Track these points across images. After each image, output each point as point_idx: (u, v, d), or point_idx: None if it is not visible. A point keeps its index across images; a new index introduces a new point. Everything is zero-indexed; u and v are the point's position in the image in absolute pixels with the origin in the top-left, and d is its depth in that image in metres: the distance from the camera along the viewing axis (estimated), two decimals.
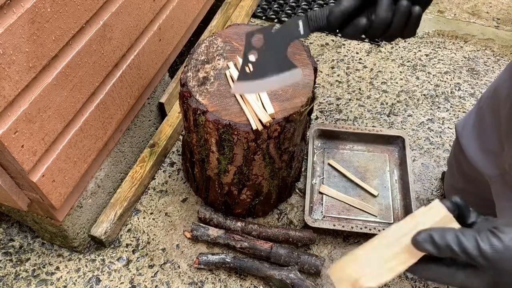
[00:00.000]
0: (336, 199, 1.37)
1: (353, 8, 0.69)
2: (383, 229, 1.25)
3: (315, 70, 1.14)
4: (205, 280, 1.25)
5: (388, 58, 1.81)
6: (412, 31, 0.71)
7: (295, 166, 1.29)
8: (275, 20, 1.95)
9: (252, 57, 0.77)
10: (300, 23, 0.73)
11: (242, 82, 0.79)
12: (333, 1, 2.02)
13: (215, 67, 1.13)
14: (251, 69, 0.79)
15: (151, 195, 1.42)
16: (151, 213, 1.38)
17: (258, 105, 1.03)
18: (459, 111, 1.63)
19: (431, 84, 1.72)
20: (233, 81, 1.09)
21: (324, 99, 1.67)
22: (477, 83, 1.72)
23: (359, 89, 1.70)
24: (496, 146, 0.97)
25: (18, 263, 1.28)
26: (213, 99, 1.06)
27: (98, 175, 1.27)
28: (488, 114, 1.01)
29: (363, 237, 1.32)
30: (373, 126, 1.58)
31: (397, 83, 1.72)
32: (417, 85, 1.72)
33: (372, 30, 0.70)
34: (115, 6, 1.09)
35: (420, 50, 1.84)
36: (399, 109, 1.64)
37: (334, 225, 1.27)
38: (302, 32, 0.75)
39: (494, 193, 0.98)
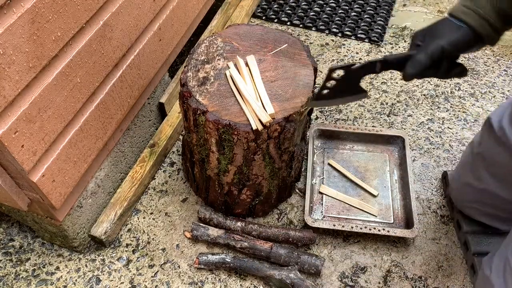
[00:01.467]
0: (336, 199, 1.37)
1: (428, 64, 0.81)
2: (383, 229, 1.25)
3: (315, 70, 1.14)
4: (205, 280, 1.25)
5: None
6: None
7: (295, 166, 1.29)
8: (275, 21, 1.95)
9: (329, 84, 0.96)
10: (378, 64, 0.90)
11: (319, 100, 1.00)
12: (333, 2, 2.02)
13: (215, 67, 1.13)
14: (326, 92, 0.98)
15: (151, 195, 1.42)
16: (151, 213, 1.38)
17: (258, 105, 1.03)
18: (459, 111, 1.63)
19: (431, 84, 1.72)
20: (233, 81, 1.09)
21: None
22: (477, 83, 1.72)
23: None
24: None
25: (18, 263, 1.28)
26: (213, 99, 1.06)
27: (98, 175, 1.27)
28: None
29: (363, 237, 1.32)
30: (373, 126, 1.58)
31: (397, 83, 1.72)
32: (417, 85, 1.72)
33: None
34: (115, 6, 1.09)
35: None
36: (399, 109, 1.64)
37: (334, 225, 1.27)
38: (377, 70, 0.90)
39: None
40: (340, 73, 0.93)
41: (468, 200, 1.24)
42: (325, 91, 0.97)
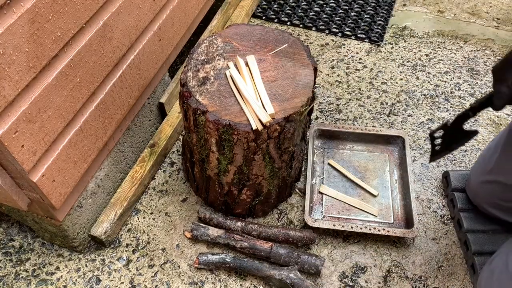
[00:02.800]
0: (336, 199, 1.37)
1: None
2: (383, 229, 1.25)
3: (315, 70, 1.14)
4: (205, 280, 1.25)
5: (388, 58, 1.81)
6: None
7: (295, 166, 1.29)
8: (275, 20, 1.95)
9: (437, 142, 1.11)
10: (470, 112, 1.01)
11: (436, 156, 1.15)
12: (333, 2, 2.02)
13: (215, 67, 1.13)
14: (438, 148, 1.13)
15: (151, 195, 1.42)
16: (151, 213, 1.38)
17: (258, 105, 1.03)
18: (459, 111, 1.63)
19: (431, 84, 1.72)
20: (233, 81, 1.09)
21: (324, 99, 1.67)
22: (477, 83, 1.72)
23: (359, 89, 1.70)
24: None
25: (18, 263, 1.28)
26: (213, 99, 1.06)
27: (98, 175, 1.27)
28: None
29: (363, 237, 1.32)
30: (373, 126, 1.58)
31: (397, 83, 1.72)
32: (417, 85, 1.72)
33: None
34: (115, 6, 1.09)
35: (420, 50, 1.84)
36: (399, 109, 1.64)
37: (334, 225, 1.27)
38: (471, 115, 1.01)
39: None
40: (439, 133, 1.08)
41: (496, 197, 1.22)
42: (437, 148, 1.12)
